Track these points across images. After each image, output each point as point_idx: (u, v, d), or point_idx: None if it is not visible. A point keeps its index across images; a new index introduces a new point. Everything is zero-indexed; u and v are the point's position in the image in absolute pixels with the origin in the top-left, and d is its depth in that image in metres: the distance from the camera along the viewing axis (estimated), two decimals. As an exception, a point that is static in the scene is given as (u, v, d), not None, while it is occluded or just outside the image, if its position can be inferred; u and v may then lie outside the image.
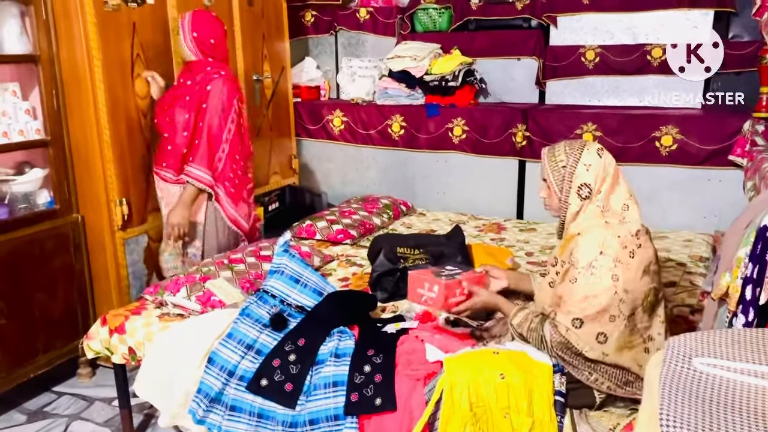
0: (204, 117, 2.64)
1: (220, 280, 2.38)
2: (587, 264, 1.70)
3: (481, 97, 3.98)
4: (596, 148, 1.78)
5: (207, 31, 2.71)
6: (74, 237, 2.82)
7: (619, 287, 1.68)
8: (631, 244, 1.71)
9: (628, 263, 1.69)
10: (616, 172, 1.79)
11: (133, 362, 2.29)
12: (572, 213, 1.78)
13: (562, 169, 1.77)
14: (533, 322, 1.81)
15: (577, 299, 1.70)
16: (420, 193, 3.85)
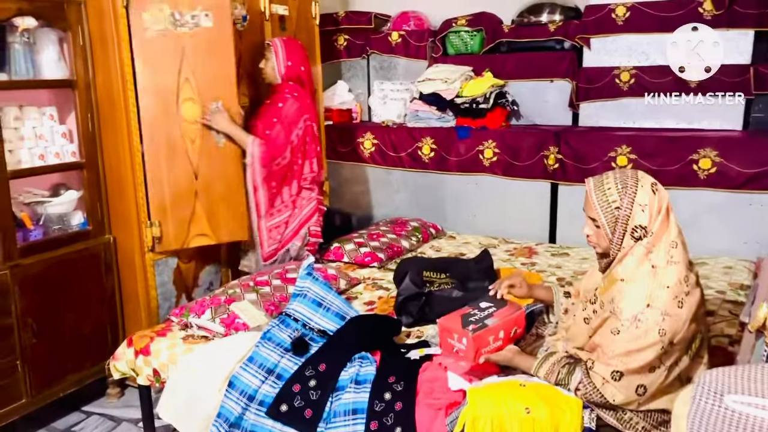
0: (273, 128, 2.90)
1: (244, 303, 2.38)
2: (632, 317, 1.59)
3: (513, 120, 3.94)
4: (650, 183, 1.64)
5: (299, 60, 3.05)
6: (106, 258, 2.86)
7: (666, 341, 1.57)
8: (681, 293, 1.59)
9: (676, 315, 1.57)
10: (669, 206, 1.66)
11: (158, 384, 2.29)
12: (624, 254, 1.66)
13: (615, 210, 1.63)
14: (560, 373, 1.73)
15: (618, 352, 1.60)
16: (450, 216, 3.81)
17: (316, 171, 3.06)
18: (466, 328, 1.74)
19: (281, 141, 2.91)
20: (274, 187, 2.94)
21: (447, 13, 4.20)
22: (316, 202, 3.08)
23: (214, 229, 2.91)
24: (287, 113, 2.94)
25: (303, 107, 2.99)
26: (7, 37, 2.53)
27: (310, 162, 3.03)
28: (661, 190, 1.65)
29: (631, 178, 1.65)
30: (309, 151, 3.03)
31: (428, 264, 2.58)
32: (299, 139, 2.97)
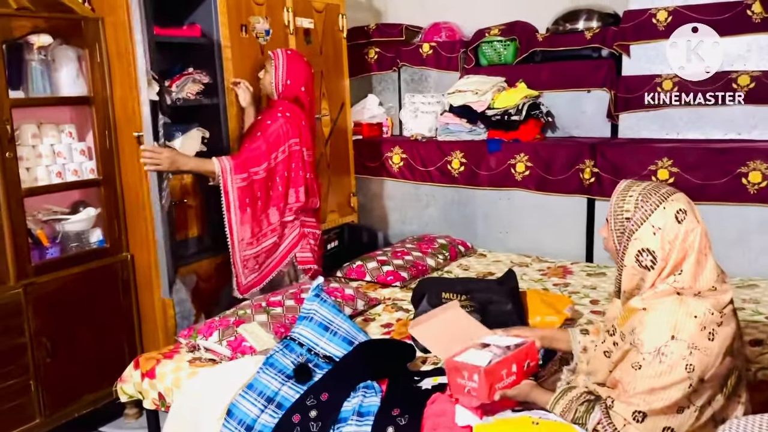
0: (254, 142, 2.68)
1: (252, 325, 2.29)
2: (655, 350, 1.39)
3: (549, 132, 3.77)
4: (677, 208, 1.44)
5: (300, 79, 2.83)
6: (123, 275, 2.83)
7: (695, 378, 1.38)
8: (711, 323, 1.39)
9: (706, 348, 1.38)
10: (704, 242, 1.45)
11: (163, 408, 2.22)
12: (628, 278, 1.48)
13: (625, 221, 1.47)
14: (578, 411, 1.55)
15: (641, 390, 1.42)
16: (481, 232, 3.65)
17: (303, 201, 2.78)
18: (477, 364, 1.60)
19: (259, 152, 2.63)
20: (254, 210, 2.64)
21: (479, 23, 4.08)
22: (299, 229, 2.81)
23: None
24: (273, 131, 2.68)
25: (292, 129, 2.72)
26: (24, 55, 2.53)
27: (296, 191, 2.76)
28: (690, 222, 1.44)
29: (657, 194, 1.47)
30: (295, 178, 2.75)
31: (448, 285, 2.43)
32: (283, 163, 2.70)
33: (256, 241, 2.68)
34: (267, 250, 2.74)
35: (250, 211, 2.61)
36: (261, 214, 2.69)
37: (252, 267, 2.70)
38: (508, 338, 1.75)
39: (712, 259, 1.48)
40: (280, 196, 2.73)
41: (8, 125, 2.37)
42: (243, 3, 3.06)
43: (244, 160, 2.61)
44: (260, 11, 3.17)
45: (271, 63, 2.82)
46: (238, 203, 2.58)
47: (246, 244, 2.64)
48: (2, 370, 2.41)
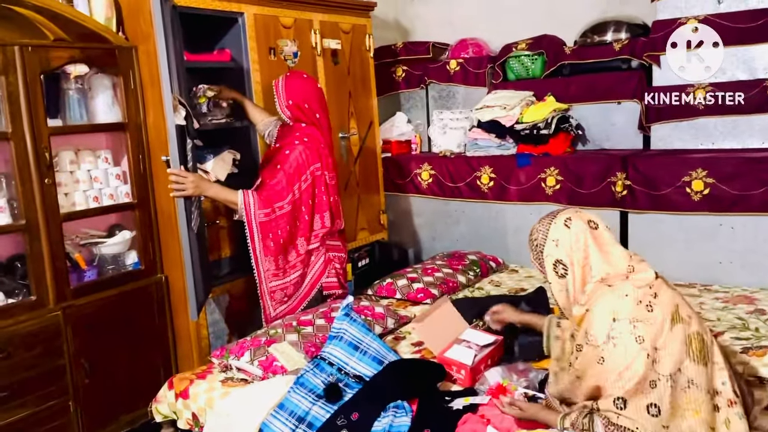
0: (275, 175, 2.63)
1: (284, 345, 2.30)
2: (606, 337, 1.53)
3: (579, 145, 3.72)
4: (564, 218, 1.68)
5: (301, 96, 2.71)
6: (158, 297, 2.88)
7: (648, 347, 1.48)
8: (645, 297, 1.53)
9: (648, 318, 1.50)
10: (597, 236, 1.63)
11: (197, 428, 2.24)
12: (557, 292, 1.66)
13: (536, 248, 1.71)
14: (583, 425, 1.60)
15: (612, 379, 1.52)
16: (513, 247, 3.62)
17: (328, 226, 2.72)
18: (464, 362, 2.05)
19: (281, 187, 2.60)
20: (279, 242, 2.61)
21: (507, 38, 4.06)
22: (324, 255, 2.75)
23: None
24: (292, 161, 2.63)
25: (312, 155, 2.66)
26: (61, 84, 2.62)
27: (321, 216, 2.71)
28: (577, 224, 1.65)
29: (550, 216, 1.72)
30: (319, 204, 2.71)
31: (477, 308, 2.42)
32: (306, 191, 2.66)
33: (282, 273, 2.65)
34: (294, 283, 2.69)
35: (273, 245, 2.59)
36: (288, 246, 2.64)
37: (280, 299, 2.67)
38: (483, 335, 2.21)
39: (619, 247, 1.67)
40: (307, 225, 2.68)
41: (47, 153, 2.45)
42: (271, 26, 3.13)
43: (268, 196, 2.58)
44: (288, 34, 3.23)
45: (273, 89, 2.75)
46: (261, 236, 2.57)
47: (272, 275, 2.62)
48: (43, 392, 2.47)
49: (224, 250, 3.13)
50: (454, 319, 2.32)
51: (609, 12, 3.82)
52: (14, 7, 2.38)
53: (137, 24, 2.73)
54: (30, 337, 2.42)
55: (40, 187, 2.44)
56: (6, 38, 2.33)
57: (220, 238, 3.10)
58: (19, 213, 2.42)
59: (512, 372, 1.98)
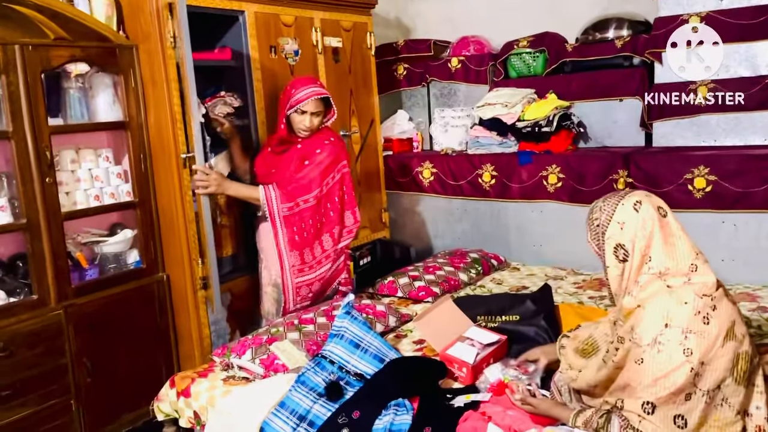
0: (302, 169, 2.68)
1: (285, 343, 2.30)
2: (652, 341, 1.45)
3: (581, 142, 3.72)
4: (633, 201, 1.55)
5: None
6: (159, 295, 2.87)
7: (695, 362, 1.41)
8: (705, 308, 1.45)
9: (703, 332, 1.42)
10: (665, 225, 1.53)
11: (198, 427, 2.24)
12: (614, 277, 1.57)
13: (596, 227, 1.60)
14: (598, 424, 1.56)
15: (646, 383, 1.45)
16: (515, 245, 3.61)
17: (359, 220, 2.84)
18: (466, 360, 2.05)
19: (308, 180, 2.65)
20: (303, 237, 2.67)
21: (508, 35, 4.06)
22: (344, 254, 2.85)
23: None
24: (324, 158, 2.69)
25: (342, 154, 2.76)
26: (62, 83, 2.62)
27: (352, 212, 2.80)
28: (647, 209, 1.54)
29: (616, 196, 1.61)
30: (349, 200, 2.79)
31: (482, 307, 2.42)
32: (334, 188, 2.73)
33: (308, 269, 2.69)
34: (320, 278, 2.74)
35: (299, 239, 2.65)
36: (314, 241, 2.69)
37: (305, 295, 2.71)
38: (487, 334, 2.21)
39: (687, 240, 1.55)
40: (335, 220, 2.73)
41: (48, 152, 2.45)
42: (272, 24, 3.12)
43: (293, 190, 2.63)
44: (289, 32, 3.22)
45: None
46: (285, 230, 2.62)
47: (297, 271, 2.67)
48: (45, 390, 2.47)
49: (226, 249, 3.12)
50: (456, 316, 2.31)
51: (610, 9, 3.81)
52: (15, 6, 2.38)
53: (138, 23, 2.72)
54: (32, 336, 2.42)
55: (41, 186, 2.44)
56: (6, 37, 2.33)
57: (221, 236, 3.09)
58: (20, 212, 2.42)
59: (511, 367, 1.97)
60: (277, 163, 2.79)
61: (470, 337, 2.19)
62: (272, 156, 2.83)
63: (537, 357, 1.95)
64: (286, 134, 2.73)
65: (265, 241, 2.79)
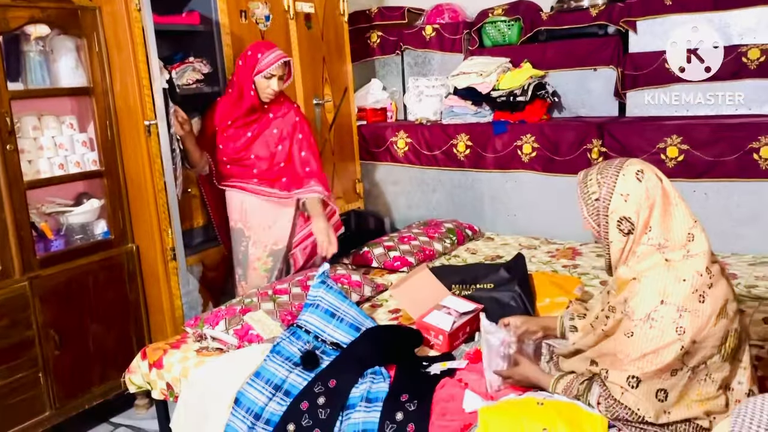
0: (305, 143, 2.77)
1: (259, 313, 2.27)
2: (645, 315, 1.42)
3: (555, 112, 3.71)
4: (634, 170, 1.49)
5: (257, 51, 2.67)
6: (129, 267, 2.81)
7: (686, 340, 1.39)
8: (702, 286, 1.41)
9: (697, 311, 1.40)
10: (666, 193, 1.48)
11: (172, 398, 2.21)
12: (617, 251, 1.50)
13: (595, 202, 1.51)
14: (578, 390, 1.56)
15: (634, 357, 1.43)
16: (488, 215, 3.61)
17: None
18: (442, 328, 2.06)
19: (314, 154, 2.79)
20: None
21: (483, 3, 4.00)
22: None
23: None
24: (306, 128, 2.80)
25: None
26: (21, 46, 2.50)
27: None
28: (649, 178, 1.49)
29: (613, 167, 1.52)
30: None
31: (456, 276, 2.41)
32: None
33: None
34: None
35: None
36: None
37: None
38: (463, 303, 2.20)
39: (684, 207, 1.50)
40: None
41: (8, 117, 2.35)
42: (242, -12, 3.03)
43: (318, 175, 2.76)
44: (259, -4, 3.13)
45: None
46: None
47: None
48: (12, 364, 2.40)
49: (196, 220, 3.06)
50: (433, 285, 2.31)
51: (586, -23, 3.77)
52: (-32, -37, 2.26)
53: (100, -17, 2.61)
54: (-5, 308, 2.35)
55: (1, 154, 2.34)
56: (-40, -4, 2.21)
57: (191, 207, 3.03)
58: (-20, 180, 2.33)
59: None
60: (251, 141, 2.76)
61: (446, 305, 2.19)
62: (240, 132, 2.77)
63: (536, 331, 1.88)
64: (258, 101, 2.67)
65: (253, 217, 2.79)
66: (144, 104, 2.64)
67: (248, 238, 2.81)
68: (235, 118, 2.75)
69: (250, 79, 2.64)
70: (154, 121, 2.56)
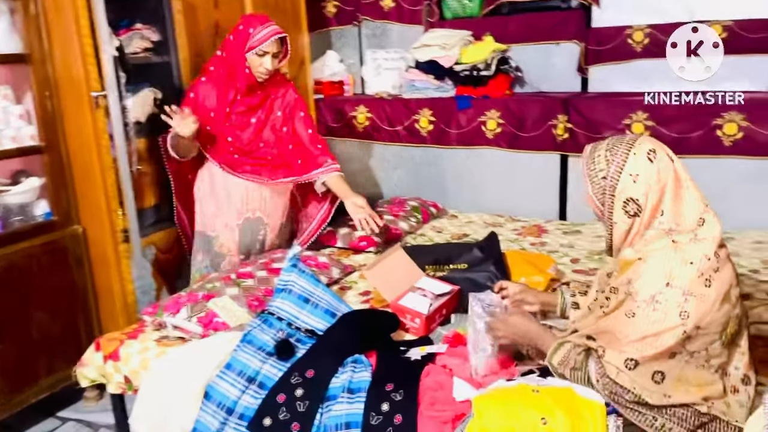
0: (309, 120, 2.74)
1: (224, 299, 2.13)
2: (649, 297, 1.37)
3: (517, 87, 3.65)
4: (646, 149, 1.41)
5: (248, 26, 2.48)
6: (75, 251, 2.61)
7: (689, 325, 1.35)
8: (708, 270, 1.36)
9: (703, 295, 1.35)
10: (677, 176, 1.41)
11: (130, 392, 2.05)
12: (620, 233, 1.44)
13: (602, 180, 1.44)
14: (576, 361, 1.50)
15: (634, 338, 1.39)
16: (452, 193, 3.54)
17: None
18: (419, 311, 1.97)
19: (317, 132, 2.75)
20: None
21: (443, -27, 3.88)
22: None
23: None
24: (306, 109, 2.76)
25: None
26: (-54, 7, 2.25)
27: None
28: (661, 158, 1.41)
29: (623, 144, 1.44)
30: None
31: (429, 257, 2.32)
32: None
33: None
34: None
35: None
36: None
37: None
38: (439, 284, 2.11)
39: (694, 190, 1.44)
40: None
41: (-67, 87, 2.11)
42: (194, -50, 2.81)
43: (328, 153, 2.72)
44: (212, -41, 2.92)
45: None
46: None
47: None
48: (-53, 358, 2.20)
49: (148, 199, 2.86)
50: (407, 266, 2.22)
51: (548, -51, 3.71)
52: None
53: (36, -62, 2.36)
54: (-74, 297, 2.13)
55: (-73, 128, 2.10)
56: None
57: (143, 185, 2.83)
58: None
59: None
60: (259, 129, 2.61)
61: (422, 287, 2.10)
62: (244, 119, 2.58)
63: (533, 303, 1.83)
64: (255, 80, 2.49)
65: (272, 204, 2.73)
66: (89, 74, 2.43)
67: (267, 226, 2.70)
68: (231, 102, 2.54)
69: (243, 57, 2.43)
70: (102, 93, 2.35)
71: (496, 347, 1.67)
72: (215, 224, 2.65)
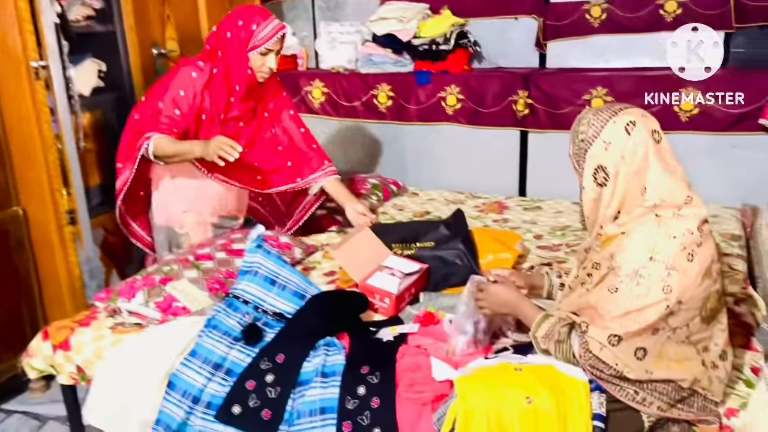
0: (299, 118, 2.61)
1: (183, 282, 2.02)
2: (632, 272, 1.36)
3: (475, 62, 3.60)
4: (626, 120, 1.39)
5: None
6: (15, 233, 2.43)
7: (672, 300, 1.34)
8: (691, 244, 1.35)
9: (685, 270, 1.34)
10: (660, 153, 1.39)
11: (83, 382, 1.93)
12: (588, 200, 1.44)
13: (580, 142, 1.44)
14: (560, 334, 1.48)
15: (616, 314, 1.37)
16: (412, 170, 3.49)
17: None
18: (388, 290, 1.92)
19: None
20: None
21: (399, -57, 3.78)
22: None
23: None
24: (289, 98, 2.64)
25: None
26: None
27: None
28: (640, 132, 1.38)
29: (608, 110, 1.43)
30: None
31: (395, 235, 2.27)
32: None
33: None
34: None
35: None
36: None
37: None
38: (407, 263, 2.05)
39: (680, 167, 1.44)
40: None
41: None
42: None
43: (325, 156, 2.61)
44: None
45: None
46: None
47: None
48: None
49: (92, 178, 2.70)
50: (374, 245, 2.15)
51: None
52: None
53: None
54: None
55: None
56: None
57: (87, 163, 2.66)
58: None
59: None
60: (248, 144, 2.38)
61: (390, 266, 2.05)
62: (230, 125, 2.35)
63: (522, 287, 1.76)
64: (255, 81, 2.28)
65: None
66: (26, 42, 2.25)
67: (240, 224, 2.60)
68: (226, 106, 2.32)
69: (244, 56, 2.19)
70: (43, 63, 2.17)
71: (481, 332, 1.63)
72: (184, 220, 2.42)
